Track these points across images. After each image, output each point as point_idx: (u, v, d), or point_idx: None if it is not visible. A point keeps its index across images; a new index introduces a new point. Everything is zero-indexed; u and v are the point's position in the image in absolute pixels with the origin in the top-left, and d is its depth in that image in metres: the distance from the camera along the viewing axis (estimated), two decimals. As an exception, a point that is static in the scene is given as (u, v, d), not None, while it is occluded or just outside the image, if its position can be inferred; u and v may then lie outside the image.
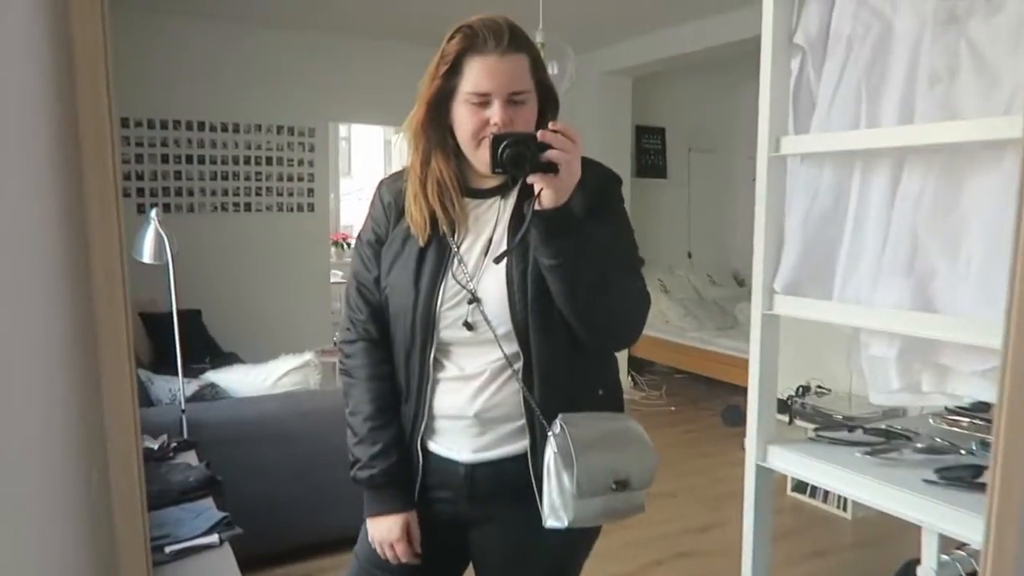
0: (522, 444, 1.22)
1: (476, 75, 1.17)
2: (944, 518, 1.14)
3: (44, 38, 0.70)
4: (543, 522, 1.17)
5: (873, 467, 1.31)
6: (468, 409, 1.22)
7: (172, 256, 2.72)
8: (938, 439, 1.38)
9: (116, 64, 0.73)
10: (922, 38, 1.23)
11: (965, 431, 1.44)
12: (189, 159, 4.64)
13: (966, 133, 1.12)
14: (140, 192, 4.52)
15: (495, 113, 1.16)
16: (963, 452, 1.31)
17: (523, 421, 1.21)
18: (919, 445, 1.36)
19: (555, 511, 1.15)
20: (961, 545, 1.27)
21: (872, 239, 1.29)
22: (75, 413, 0.76)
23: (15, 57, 0.69)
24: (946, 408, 1.53)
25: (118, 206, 0.73)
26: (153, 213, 2.78)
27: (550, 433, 1.17)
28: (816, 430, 1.49)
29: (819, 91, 1.38)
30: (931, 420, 1.52)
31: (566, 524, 1.14)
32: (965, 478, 1.18)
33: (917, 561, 1.28)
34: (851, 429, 1.47)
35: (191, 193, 4.67)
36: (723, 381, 5.07)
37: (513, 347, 1.20)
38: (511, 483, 1.23)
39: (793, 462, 1.40)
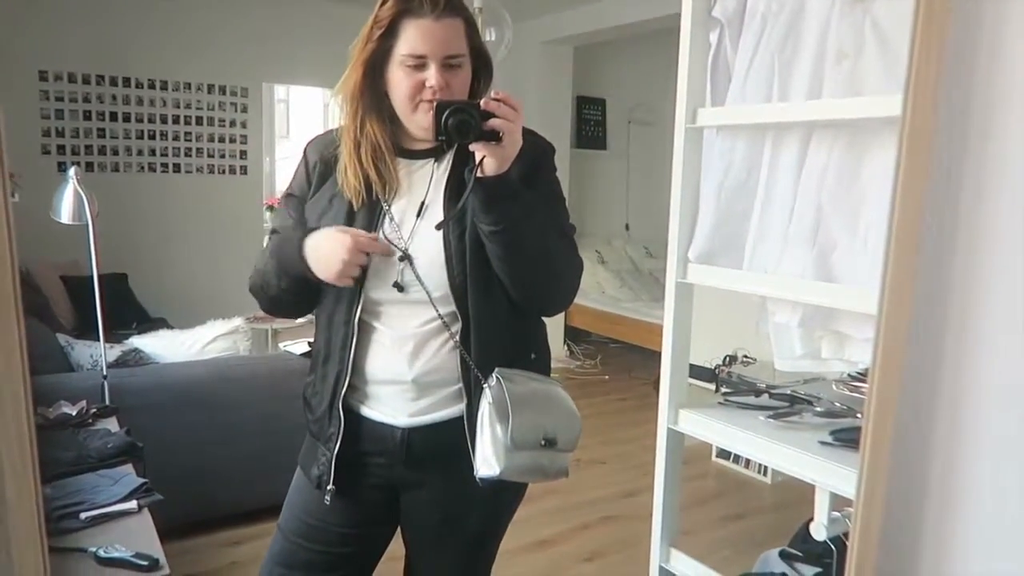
0: (459, 407, 1.24)
1: (412, 38, 1.17)
2: (834, 477, 1.20)
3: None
4: (475, 472, 1.19)
5: (774, 430, 1.37)
6: (406, 374, 1.23)
7: (93, 217, 2.63)
8: (837, 403, 1.45)
9: (31, 11, 0.70)
10: (831, 15, 1.27)
11: (863, 396, 1.51)
12: (113, 116, 4.46)
13: (867, 109, 1.16)
14: (60, 150, 4.33)
15: (431, 76, 1.17)
16: (859, 416, 1.37)
17: (460, 384, 1.23)
18: (819, 409, 1.42)
19: (487, 461, 1.17)
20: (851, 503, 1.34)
21: (779, 211, 1.34)
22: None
23: None
24: (849, 375, 1.61)
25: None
26: (72, 171, 2.67)
27: (486, 385, 1.19)
28: (725, 395, 1.55)
29: (735, 65, 1.41)
30: (834, 386, 1.59)
31: (498, 472, 1.16)
32: (857, 439, 1.24)
33: (814, 518, 1.35)
34: (758, 394, 1.53)
35: (116, 152, 4.50)
36: (656, 351, 5.18)
37: (450, 309, 1.21)
38: (447, 445, 1.24)
39: (702, 425, 1.45)
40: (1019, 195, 0.85)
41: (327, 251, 1.18)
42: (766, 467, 3.55)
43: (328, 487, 1.27)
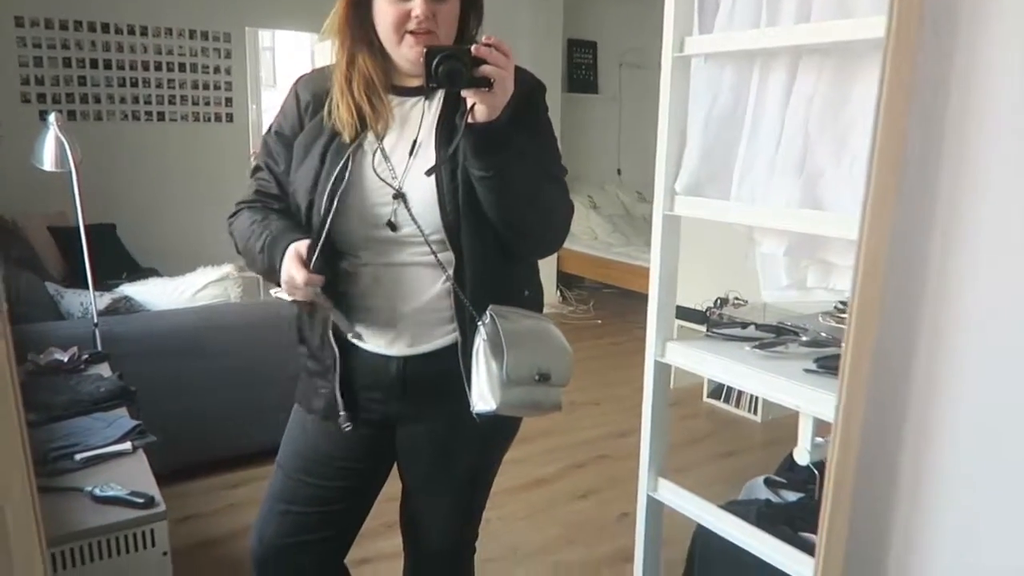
0: (452, 337, 1.25)
1: None
2: (817, 403, 1.22)
3: None
4: (472, 407, 1.20)
5: (760, 360, 1.38)
6: (401, 311, 1.24)
7: (76, 163, 2.60)
8: (823, 334, 1.46)
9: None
10: (821, -65, 1.23)
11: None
12: (94, 63, 4.36)
13: (855, 32, 1.14)
14: (41, 98, 4.25)
15: (416, 6, 1.16)
16: (843, 344, 1.38)
17: (455, 322, 1.24)
18: (805, 339, 1.43)
19: (483, 396, 1.19)
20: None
21: (767, 140, 1.32)
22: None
23: None
24: (836, 307, 1.62)
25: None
26: (52, 117, 2.64)
27: (480, 323, 1.20)
28: (710, 326, 1.56)
29: (723, -10, 1.37)
30: (820, 318, 1.60)
31: (494, 407, 1.18)
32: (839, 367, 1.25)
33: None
34: (744, 326, 1.54)
35: (98, 100, 4.41)
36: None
37: (443, 247, 1.21)
38: (441, 377, 1.25)
39: (688, 357, 1.46)
40: (1006, 108, 0.84)
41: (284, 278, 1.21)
42: (757, 406, 3.61)
43: (341, 413, 1.29)
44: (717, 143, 1.40)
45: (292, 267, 1.18)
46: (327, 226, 1.21)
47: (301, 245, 1.19)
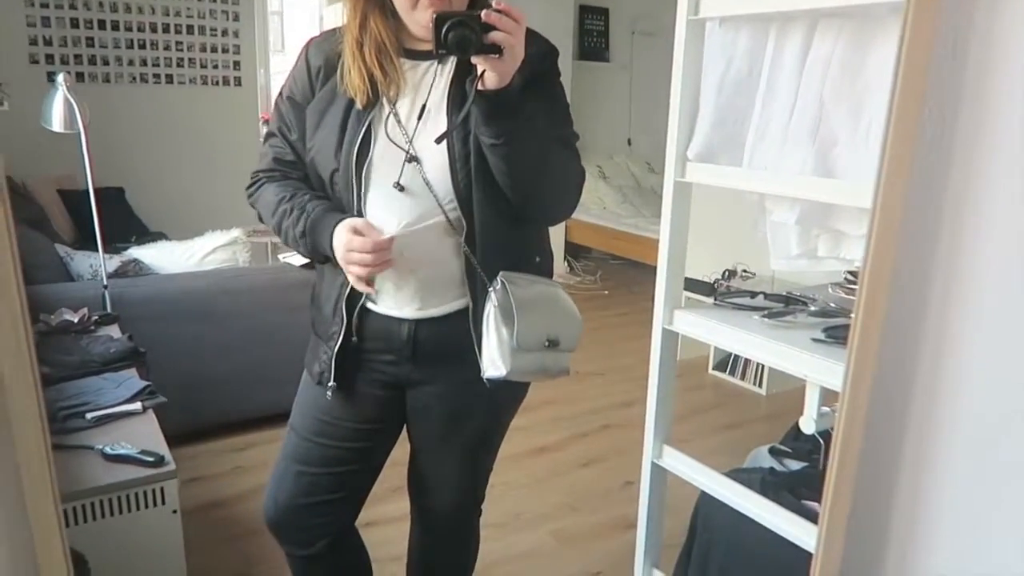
0: (463, 301, 1.25)
1: None
2: (824, 372, 1.22)
3: None
4: (482, 373, 1.21)
5: (768, 329, 1.37)
6: (412, 275, 1.24)
7: (84, 124, 2.59)
8: (832, 304, 1.45)
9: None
10: None
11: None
12: (102, 24, 4.33)
13: (874, -5, 1.12)
14: (49, 59, 4.22)
15: None
16: (852, 315, 1.37)
17: (465, 287, 1.24)
18: (813, 309, 1.43)
19: (494, 362, 1.20)
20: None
21: (781, 106, 1.30)
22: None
23: None
24: (846, 277, 1.61)
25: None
26: (60, 78, 2.63)
27: (491, 289, 1.20)
28: (719, 296, 1.55)
29: (740, -48, 1.34)
30: (830, 288, 1.59)
31: (504, 373, 1.19)
32: (847, 337, 1.25)
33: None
34: (753, 295, 1.53)
35: (106, 62, 4.39)
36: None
37: (455, 212, 1.21)
38: (452, 342, 1.26)
39: (696, 325, 1.46)
40: (1025, 73, 0.82)
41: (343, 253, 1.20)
42: (762, 378, 3.61)
43: (329, 384, 1.30)
44: (730, 109, 1.38)
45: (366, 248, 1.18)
46: (364, 196, 1.21)
47: (359, 224, 1.19)
